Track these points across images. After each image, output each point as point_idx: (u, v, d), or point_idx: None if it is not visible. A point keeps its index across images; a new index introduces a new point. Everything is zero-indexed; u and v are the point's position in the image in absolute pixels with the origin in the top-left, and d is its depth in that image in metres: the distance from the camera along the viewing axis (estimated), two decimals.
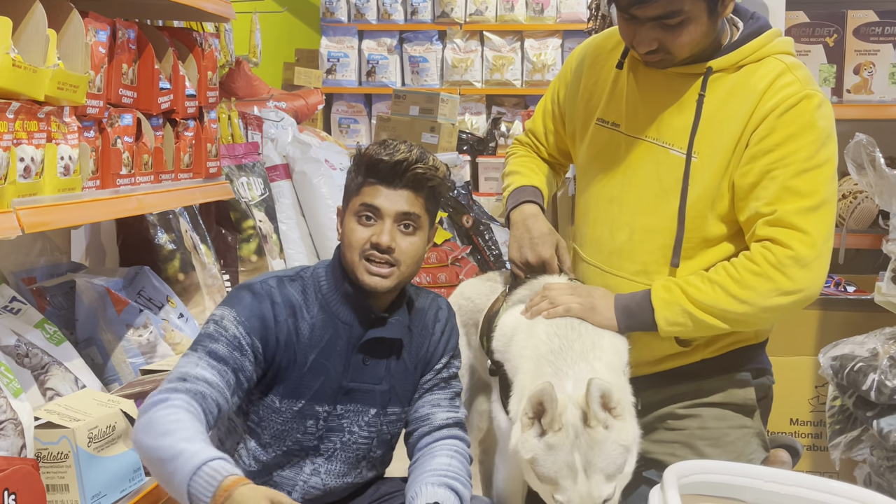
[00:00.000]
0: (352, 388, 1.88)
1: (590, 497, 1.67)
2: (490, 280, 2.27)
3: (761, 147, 1.92)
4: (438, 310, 2.01)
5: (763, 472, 1.81)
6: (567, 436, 1.68)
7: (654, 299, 1.93)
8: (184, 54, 2.64)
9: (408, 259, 1.85)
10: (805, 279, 1.89)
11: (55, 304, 2.50)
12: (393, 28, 7.21)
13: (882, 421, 2.49)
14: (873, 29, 3.34)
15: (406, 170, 1.83)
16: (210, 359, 1.76)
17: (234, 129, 3.76)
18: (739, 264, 1.92)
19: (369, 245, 1.83)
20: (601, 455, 1.68)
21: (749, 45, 1.98)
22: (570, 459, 1.67)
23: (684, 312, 1.92)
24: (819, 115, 1.92)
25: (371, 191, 1.84)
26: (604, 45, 2.16)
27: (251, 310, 1.81)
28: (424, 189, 1.87)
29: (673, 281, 1.96)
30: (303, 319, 1.85)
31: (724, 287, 1.90)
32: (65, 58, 1.97)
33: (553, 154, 2.33)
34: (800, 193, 1.89)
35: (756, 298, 1.89)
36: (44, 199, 1.90)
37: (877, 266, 3.00)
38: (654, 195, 2.01)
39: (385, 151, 1.84)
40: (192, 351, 1.79)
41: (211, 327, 1.81)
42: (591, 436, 1.68)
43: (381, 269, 1.83)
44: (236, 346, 1.78)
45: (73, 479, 1.94)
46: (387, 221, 1.83)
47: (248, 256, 3.42)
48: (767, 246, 1.89)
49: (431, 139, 6.23)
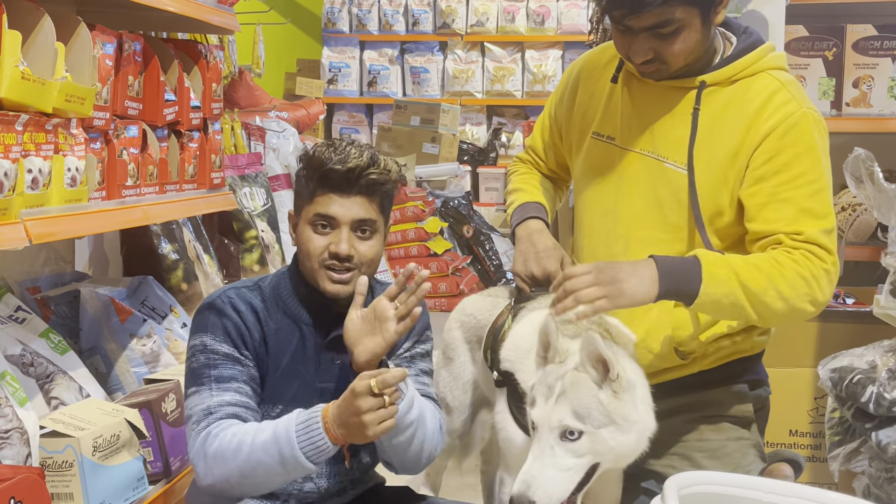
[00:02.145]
0: (325, 388, 1.88)
1: (551, 416, 1.73)
2: (491, 295, 2.28)
3: (769, 168, 1.94)
4: None
5: (763, 483, 1.82)
6: (557, 369, 1.77)
7: (704, 273, 1.87)
8: (189, 66, 2.66)
9: (367, 262, 1.85)
10: (829, 293, 1.93)
11: (59, 313, 2.51)
12: (394, 39, 7.24)
13: (881, 433, 2.50)
14: (872, 43, 3.36)
15: (359, 176, 1.81)
16: (220, 384, 1.79)
17: (237, 140, 3.77)
18: (785, 262, 1.89)
19: (328, 254, 1.82)
20: (577, 394, 1.73)
21: (743, 59, 2.00)
22: (552, 384, 1.75)
23: (729, 294, 1.87)
24: (817, 133, 1.96)
25: (324, 200, 1.83)
26: (599, 59, 2.18)
27: (223, 325, 1.83)
28: (378, 193, 1.86)
29: (723, 259, 1.90)
30: (267, 325, 1.86)
31: (772, 279, 1.88)
32: (72, 70, 1.98)
33: (553, 169, 2.35)
34: (817, 215, 1.92)
35: (794, 299, 1.90)
36: (51, 210, 1.91)
37: (875, 278, 3.01)
38: (648, 208, 2.03)
39: (336, 157, 1.81)
40: (199, 386, 1.81)
41: (201, 358, 1.82)
42: (577, 377, 1.75)
43: (343, 275, 1.83)
44: (233, 360, 1.82)
45: (78, 487, 1.95)
46: (343, 230, 1.82)
47: (251, 266, 3.43)
48: (807, 255, 1.90)
49: (432, 149, 6.26)
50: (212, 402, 1.78)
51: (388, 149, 6.32)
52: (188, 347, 1.87)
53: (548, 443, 1.72)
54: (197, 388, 1.81)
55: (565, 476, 1.72)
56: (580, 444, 1.72)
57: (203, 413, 1.78)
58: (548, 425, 1.73)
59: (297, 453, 1.70)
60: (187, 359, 1.86)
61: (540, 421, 1.74)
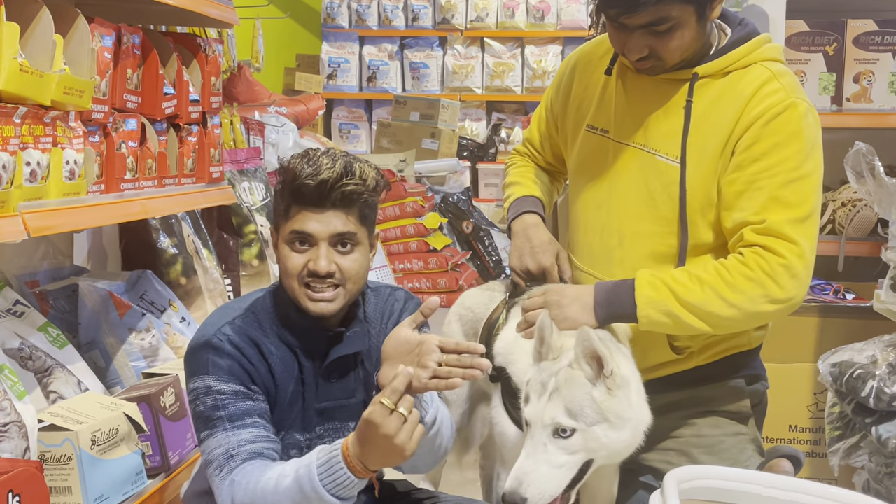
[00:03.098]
0: (325, 407, 1.82)
1: (544, 414, 1.73)
2: (489, 289, 2.28)
3: (747, 155, 1.92)
4: (394, 303, 1.90)
5: (762, 477, 1.82)
6: (551, 365, 1.78)
7: (638, 297, 1.90)
8: (188, 60, 2.65)
9: (352, 276, 1.75)
10: (794, 288, 1.89)
11: (58, 307, 2.51)
12: (394, 34, 7.24)
13: (881, 427, 2.50)
14: (873, 38, 3.36)
15: (332, 189, 1.70)
16: (233, 422, 1.70)
17: (236, 134, 3.77)
18: (732, 267, 1.89)
19: (307, 272, 1.73)
20: (570, 391, 1.74)
21: (736, 51, 1.99)
22: (546, 381, 1.76)
23: (668, 313, 1.89)
24: (805, 123, 1.92)
25: (299, 217, 1.72)
26: (594, 51, 2.18)
27: (225, 365, 1.73)
28: (356, 204, 1.74)
29: (660, 278, 1.91)
30: (270, 355, 1.77)
31: (716, 289, 1.88)
32: (71, 63, 1.98)
33: (550, 161, 2.35)
34: (788, 204, 1.89)
35: (746, 304, 1.89)
36: (49, 203, 1.91)
37: (876, 274, 3.01)
38: (641, 201, 2.02)
39: (308, 169, 1.70)
40: (212, 429, 1.71)
41: (207, 401, 1.72)
42: (571, 374, 1.75)
43: (325, 293, 1.73)
44: (243, 395, 1.73)
45: (76, 481, 1.95)
46: (322, 246, 1.72)
47: (250, 261, 3.43)
48: (760, 252, 1.88)
49: (432, 145, 6.26)
50: (230, 443, 1.69)
51: (388, 144, 6.32)
52: (189, 390, 1.76)
53: (540, 440, 1.73)
54: (210, 432, 1.71)
55: (558, 473, 1.72)
56: (572, 441, 1.72)
57: (224, 458, 1.69)
58: (540, 423, 1.73)
59: (321, 493, 1.60)
60: (191, 402, 1.76)
61: (533, 418, 1.74)
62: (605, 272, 2.06)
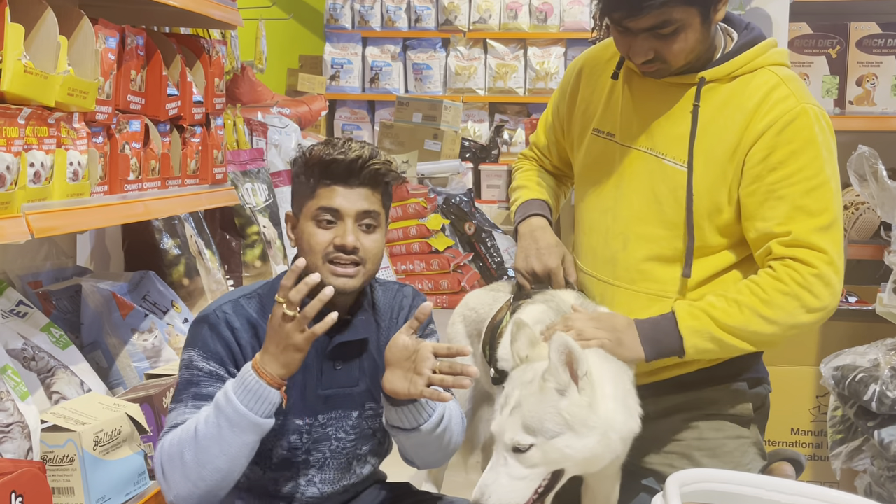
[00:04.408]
0: (329, 395, 1.85)
1: (498, 431, 1.77)
2: (493, 290, 2.28)
3: (765, 166, 1.92)
4: (403, 298, 1.96)
5: (765, 481, 1.82)
6: (522, 373, 1.79)
7: (681, 328, 1.92)
8: (191, 61, 2.66)
9: (372, 256, 1.81)
10: (828, 296, 1.91)
11: (61, 307, 2.51)
12: (397, 35, 7.23)
13: (883, 431, 2.50)
14: (876, 41, 3.36)
15: (362, 167, 1.78)
16: (196, 401, 1.76)
17: (239, 136, 3.77)
18: (766, 284, 1.91)
19: (332, 248, 1.78)
20: (532, 406, 1.75)
21: (743, 55, 1.99)
22: (511, 392, 1.78)
23: (713, 339, 1.91)
24: (818, 128, 1.93)
25: (327, 192, 1.79)
26: (601, 55, 2.18)
27: (213, 342, 1.78)
28: (381, 185, 1.83)
29: (697, 306, 1.93)
30: (265, 338, 1.77)
31: (754, 309, 1.90)
32: (75, 64, 1.98)
33: (557, 165, 2.35)
34: (811, 212, 1.90)
35: (785, 318, 1.90)
36: (53, 204, 1.91)
37: (878, 277, 3.01)
38: (647, 205, 2.02)
39: (337, 150, 1.79)
40: (178, 402, 1.78)
41: (186, 373, 1.79)
42: (540, 386, 1.75)
43: (348, 269, 1.78)
44: (216, 377, 1.77)
45: (79, 482, 1.95)
46: (348, 222, 1.78)
47: (253, 262, 3.43)
48: (791, 265, 1.90)
49: (434, 146, 6.25)
50: (180, 419, 1.75)
51: (390, 145, 6.32)
52: (181, 360, 1.83)
53: (501, 454, 1.77)
54: (175, 405, 1.78)
55: (520, 484, 1.75)
56: (531, 455, 1.75)
57: (171, 427, 1.76)
58: (501, 439, 1.77)
59: (240, 408, 1.67)
60: (178, 370, 1.84)
61: (495, 432, 1.78)
62: (608, 275, 2.06)
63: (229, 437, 1.68)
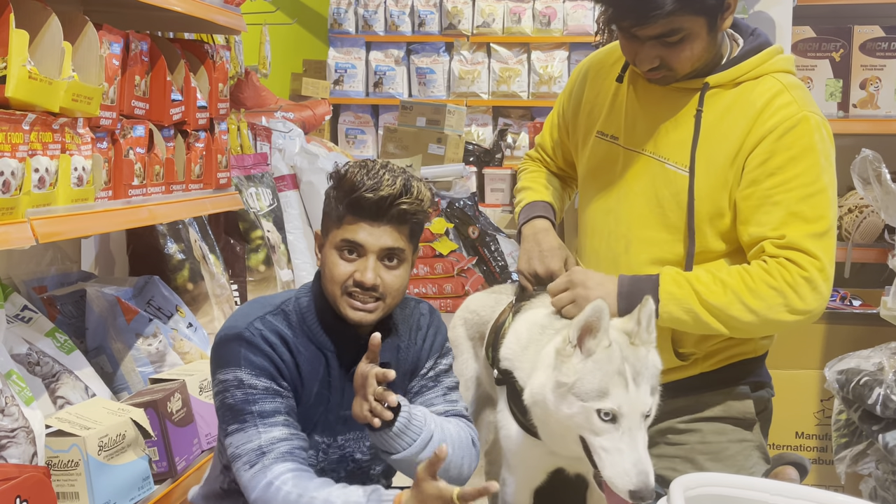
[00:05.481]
0: (348, 415, 1.82)
1: (640, 402, 1.73)
2: (495, 293, 2.28)
3: (763, 170, 1.93)
4: (420, 317, 1.96)
5: (769, 485, 1.82)
6: (615, 350, 1.75)
7: (661, 292, 1.91)
8: (195, 66, 2.66)
9: (393, 292, 1.80)
10: (814, 301, 1.91)
11: (66, 312, 2.52)
12: (400, 39, 7.23)
13: (887, 435, 2.49)
14: (879, 44, 3.36)
15: (391, 206, 1.75)
16: (264, 419, 1.73)
17: (243, 140, 3.78)
18: (756, 274, 1.91)
19: (352, 282, 1.76)
20: (646, 368, 1.76)
21: (747, 62, 1.99)
22: (622, 368, 1.74)
23: (689, 312, 1.91)
24: (819, 137, 1.93)
25: (353, 227, 1.76)
26: (606, 59, 2.19)
27: (257, 360, 1.76)
28: (409, 222, 1.79)
29: (684, 276, 1.93)
30: (298, 353, 1.81)
31: (738, 294, 1.90)
32: (79, 70, 1.99)
33: (562, 167, 2.35)
34: (807, 218, 1.90)
35: (766, 311, 1.90)
36: (57, 209, 1.92)
37: (882, 280, 3.01)
38: (649, 208, 2.03)
39: (368, 183, 1.74)
40: (241, 425, 1.74)
41: (238, 394, 1.75)
42: (636, 352, 1.76)
43: (367, 304, 1.77)
44: (273, 392, 1.76)
45: (84, 486, 1.96)
46: (370, 258, 1.76)
47: (257, 266, 3.43)
48: (783, 263, 1.90)
49: (438, 150, 6.25)
50: (262, 440, 1.72)
51: (394, 149, 6.32)
52: (218, 381, 1.78)
53: (637, 427, 1.73)
54: (240, 426, 1.74)
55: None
56: (649, 418, 1.76)
57: (256, 454, 1.72)
58: (638, 412, 1.73)
59: None
60: (219, 393, 1.78)
61: (627, 409, 1.72)
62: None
63: None
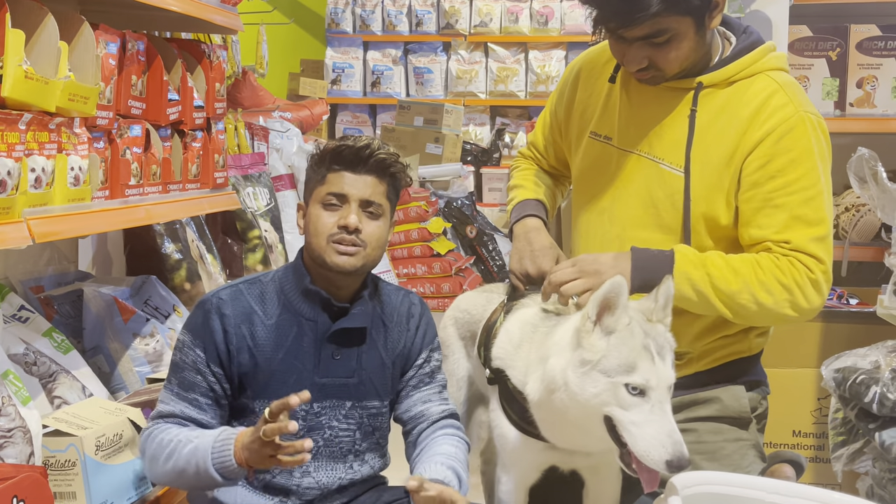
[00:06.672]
0: (324, 383, 1.91)
1: (666, 374, 1.75)
2: (486, 291, 2.28)
3: (763, 173, 1.93)
4: (411, 305, 2.04)
5: (766, 483, 1.82)
6: (637, 327, 1.77)
7: (676, 270, 1.91)
8: (192, 66, 2.66)
9: (373, 241, 1.90)
10: (816, 300, 1.94)
11: (63, 312, 2.52)
12: (398, 39, 7.24)
13: (884, 433, 2.50)
14: (876, 43, 3.36)
15: (370, 155, 1.90)
16: (182, 390, 1.89)
17: (240, 140, 3.78)
18: (767, 268, 1.92)
19: (336, 229, 1.88)
20: (667, 342, 1.78)
21: (740, 60, 1.99)
22: (646, 342, 1.75)
23: (699, 293, 1.92)
24: (815, 138, 1.94)
25: (336, 178, 1.90)
26: (598, 58, 2.18)
27: (202, 327, 1.89)
28: (387, 175, 1.93)
29: (699, 256, 1.94)
30: (260, 324, 1.90)
31: (748, 284, 1.91)
32: (76, 69, 1.99)
33: (554, 165, 2.35)
34: (809, 222, 1.92)
35: (772, 304, 1.92)
36: (54, 209, 1.92)
37: (879, 279, 3.01)
38: (644, 209, 2.03)
39: (348, 141, 1.92)
40: (169, 382, 1.92)
41: (177, 354, 1.92)
42: (654, 328, 1.79)
43: (349, 248, 1.87)
44: (196, 370, 1.88)
45: (81, 486, 1.96)
46: (353, 205, 1.89)
47: (254, 266, 3.43)
48: (793, 262, 1.92)
49: (436, 150, 6.26)
50: (165, 408, 1.89)
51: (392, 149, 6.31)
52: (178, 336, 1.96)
53: (665, 399, 1.75)
54: (168, 382, 1.92)
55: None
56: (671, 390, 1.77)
57: (157, 414, 1.91)
58: (665, 384, 1.75)
59: (208, 466, 1.78)
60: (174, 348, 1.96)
61: (655, 382, 1.73)
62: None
63: (194, 480, 1.83)
